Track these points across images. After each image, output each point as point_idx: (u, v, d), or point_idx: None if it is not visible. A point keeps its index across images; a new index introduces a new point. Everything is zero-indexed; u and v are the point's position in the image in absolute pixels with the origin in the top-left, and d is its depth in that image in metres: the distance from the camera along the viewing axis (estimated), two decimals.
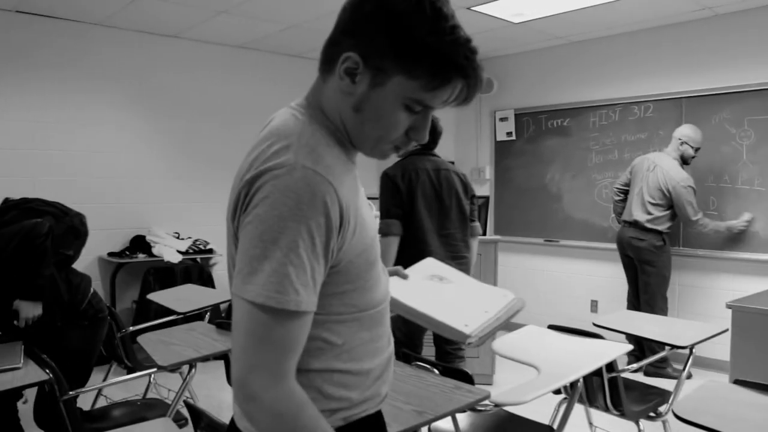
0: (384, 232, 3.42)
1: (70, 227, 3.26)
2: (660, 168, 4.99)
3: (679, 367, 4.95)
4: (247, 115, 6.58)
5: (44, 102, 5.42)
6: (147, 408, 3.07)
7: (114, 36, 5.71)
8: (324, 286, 1.11)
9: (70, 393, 2.59)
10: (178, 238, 5.97)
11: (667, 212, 4.97)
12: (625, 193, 5.33)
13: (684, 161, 5.03)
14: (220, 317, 5.65)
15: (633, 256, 5.13)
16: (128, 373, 3.51)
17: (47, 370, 2.47)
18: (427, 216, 3.52)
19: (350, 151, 1.25)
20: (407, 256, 3.24)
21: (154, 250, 5.66)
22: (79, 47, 5.54)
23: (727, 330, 3.13)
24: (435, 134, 3.59)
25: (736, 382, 2.21)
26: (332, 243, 1.08)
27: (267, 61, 6.70)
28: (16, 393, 3.07)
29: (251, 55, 6.57)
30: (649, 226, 4.97)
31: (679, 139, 5.03)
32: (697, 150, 5.02)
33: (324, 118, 1.23)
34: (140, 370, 3.45)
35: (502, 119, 6.83)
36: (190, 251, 5.87)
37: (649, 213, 4.98)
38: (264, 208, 1.04)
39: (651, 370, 5.07)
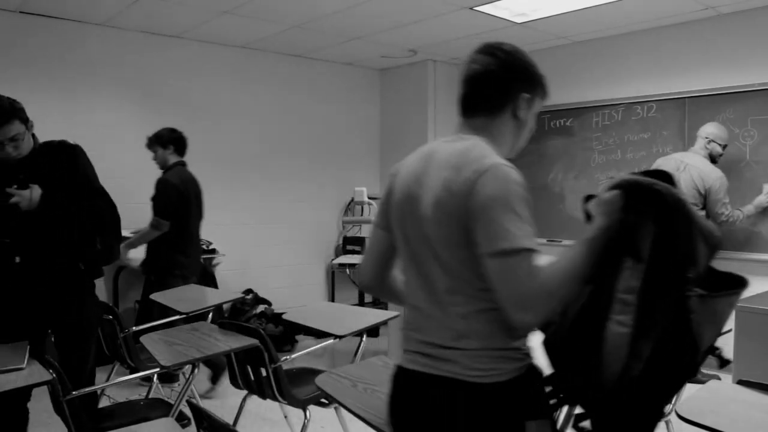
0: None
1: None
2: (693, 167, 4.82)
3: (709, 372, 4.86)
4: (250, 116, 6.58)
5: (47, 102, 5.42)
6: (149, 408, 3.07)
7: (116, 36, 5.71)
8: None
9: (73, 393, 2.59)
10: None
11: (702, 212, 4.81)
12: None
13: (712, 160, 4.89)
14: (223, 317, 5.64)
15: None
16: (131, 374, 3.51)
17: (51, 371, 2.47)
18: None
19: None
20: None
21: None
22: (82, 47, 5.55)
23: (730, 330, 3.12)
24: None
25: (740, 382, 2.20)
26: None
27: (270, 62, 6.70)
28: (25, 394, 3.05)
29: (254, 55, 6.57)
30: None
31: (706, 138, 4.91)
32: (724, 147, 4.91)
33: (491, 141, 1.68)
34: (143, 370, 3.44)
35: None
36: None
37: None
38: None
39: None
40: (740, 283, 1.46)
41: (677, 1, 4.97)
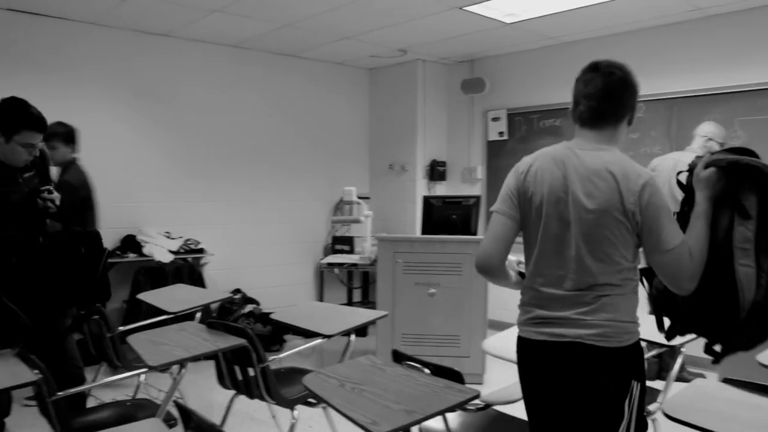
0: None
1: None
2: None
3: (694, 370, 4.88)
4: (239, 115, 6.56)
5: (33, 100, 5.37)
6: (136, 408, 3.05)
7: (105, 34, 5.68)
8: None
9: (59, 394, 2.57)
10: (169, 237, 5.95)
11: None
12: None
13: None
14: (211, 317, 5.63)
15: None
16: (118, 374, 3.49)
17: (36, 371, 2.45)
18: None
19: None
20: None
21: (145, 250, 5.65)
22: (71, 46, 5.51)
23: None
24: None
25: (725, 380, 2.21)
26: None
27: (259, 60, 6.68)
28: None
29: (244, 54, 6.56)
30: None
31: (704, 136, 4.87)
32: (722, 146, 4.86)
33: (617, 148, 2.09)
34: (130, 371, 3.42)
35: (494, 119, 6.84)
36: (181, 251, 5.85)
37: None
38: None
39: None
40: None
41: (665, 2, 4.99)
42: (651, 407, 2.99)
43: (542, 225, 2.02)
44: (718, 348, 1.97)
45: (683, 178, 2.10)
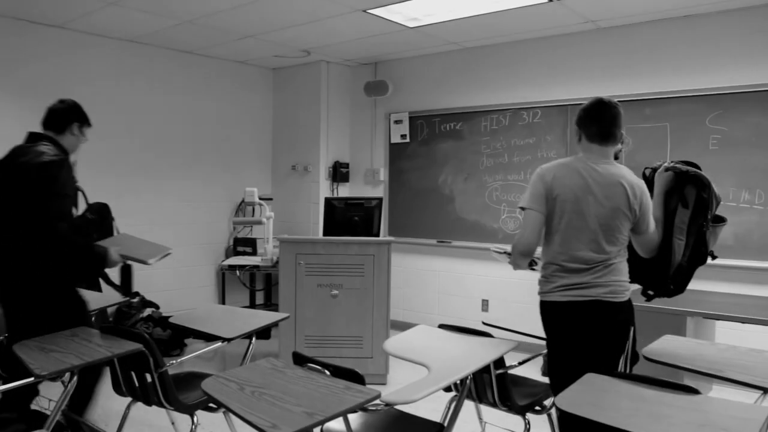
0: None
1: None
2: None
3: None
4: (137, 112, 6.35)
5: None
6: (23, 420, 2.91)
7: None
8: None
9: None
10: None
11: None
12: None
13: (615, 157, 5.02)
14: (107, 322, 5.42)
15: None
16: (3, 384, 3.31)
17: None
18: None
19: None
20: None
21: None
22: None
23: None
24: None
25: (614, 375, 2.33)
26: None
27: (160, 57, 6.50)
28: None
29: (142, 49, 6.35)
30: None
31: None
32: (622, 142, 5.04)
33: None
34: (17, 380, 3.25)
35: (396, 122, 6.92)
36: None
37: None
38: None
39: None
40: (724, 219, 2.93)
41: (560, 16, 5.20)
42: (546, 402, 3.12)
43: (566, 217, 2.75)
44: (651, 293, 2.93)
45: (647, 173, 3.01)
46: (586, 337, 2.73)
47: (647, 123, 5.32)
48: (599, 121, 2.83)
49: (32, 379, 2.49)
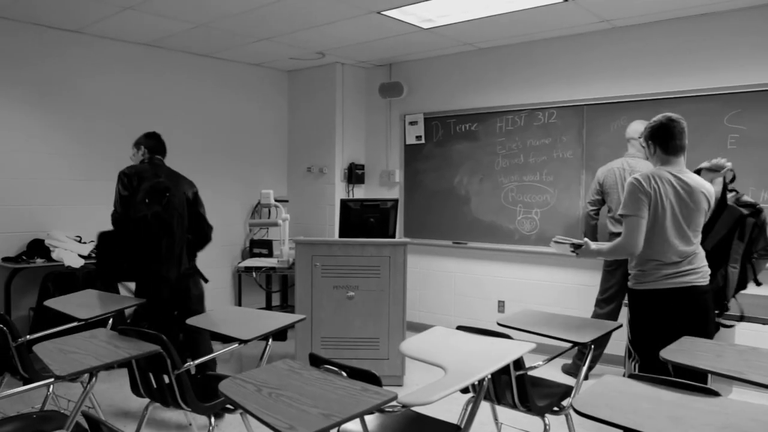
0: None
1: None
2: (635, 173, 4.70)
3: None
4: (154, 115, 6.39)
5: None
6: (43, 421, 2.93)
7: (9, 28, 5.42)
8: None
9: None
10: (79, 242, 5.73)
11: None
12: (599, 210, 5.15)
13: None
14: (125, 323, 5.46)
15: None
16: (24, 385, 3.34)
17: None
18: None
19: None
20: None
21: (54, 255, 5.42)
22: None
23: (621, 326, 3.29)
24: None
25: (631, 376, 2.31)
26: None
27: (176, 60, 6.54)
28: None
29: (158, 53, 6.40)
30: None
31: (639, 138, 4.75)
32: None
33: None
34: (37, 381, 3.28)
35: (411, 123, 6.92)
36: (93, 255, 5.65)
37: None
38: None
39: (573, 370, 5.18)
40: None
41: (575, 15, 5.17)
42: (564, 402, 3.10)
43: (666, 220, 3.19)
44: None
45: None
46: (685, 317, 3.21)
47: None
48: (674, 137, 3.27)
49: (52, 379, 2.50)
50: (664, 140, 3.28)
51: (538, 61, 6.03)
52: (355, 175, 7.24)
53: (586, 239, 3.50)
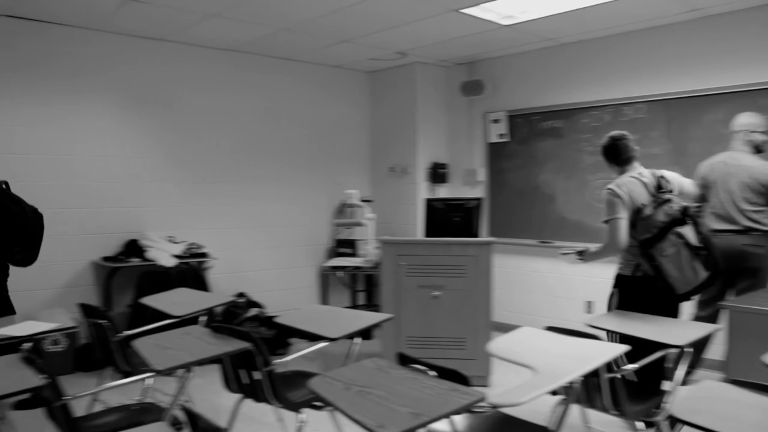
0: None
1: None
2: (741, 167, 4.54)
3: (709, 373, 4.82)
4: (240, 119, 6.57)
5: (39, 107, 5.40)
6: (143, 413, 3.06)
7: (103, 40, 5.69)
8: None
9: (63, 399, 2.58)
10: (172, 242, 5.96)
11: (766, 208, 4.52)
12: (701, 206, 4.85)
13: (758, 150, 4.60)
14: (215, 321, 5.63)
15: (744, 264, 4.51)
16: (124, 378, 3.49)
17: (43, 376, 2.46)
18: None
19: None
20: None
21: (148, 254, 5.65)
22: (71, 51, 5.53)
23: (721, 329, 3.15)
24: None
25: (732, 381, 2.22)
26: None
27: (259, 64, 6.70)
28: None
29: (242, 58, 6.57)
30: (763, 228, 4.47)
31: (744, 130, 4.61)
32: (766, 133, 4.62)
33: None
34: (136, 375, 3.43)
35: (494, 121, 6.85)
36: (185, 255, 5.86)
37: (753, 217, 4.49)
38: None
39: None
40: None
41: (663, 4, 5.00)
42: (659, 408, 3.00)
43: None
44: None
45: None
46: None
47: (762, 113, 5.03)
48: (622, 153, 3.82)
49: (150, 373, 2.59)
50: (616, 156, 3.84)
51: (624, 54, 5.86)
52: (437, 174, 7.22)
53: (587, 245, 3.94)
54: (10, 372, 2.60)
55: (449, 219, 5.24)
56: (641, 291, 3.68)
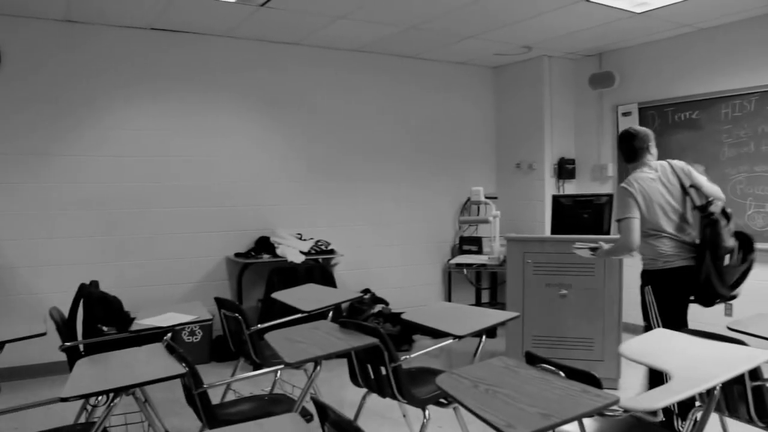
0: None
1: None
2: None
3: None
4: (365, 117, 6.68)
5: (172, 112, 5.73)
6: (273, 403, 3.18)
7: (236, 46, 5.96)
8: None
9: (204, 386, 2.72)
10: (300, 239, 6.15)
11: None
12: None
13: None
14: (342, 316, 5.76)
15: None
16: (255, 369, 3.64)
17: (183, 364, 2.61)
18: None
19: None
20: None
21: (278, 251, 5.86)
22: (205, 59, 5.83)
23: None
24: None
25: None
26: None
27: (384, 63, 6.78)
28: None
29: (367, 58, 6.67)
30: None
31: None
32: None
33: None
34: (267, 367, 3.56)
35: (624, 114, 6.58)
36: (312, 252, 6.03)
37: None
38: None
39: None
40: None
41: None
42: None
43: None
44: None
45: None
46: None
47: None
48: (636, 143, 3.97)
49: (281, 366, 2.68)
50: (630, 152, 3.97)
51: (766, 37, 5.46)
52: (565, 170, 7.04)
53: (600, 242, 3.92)
54: (155, 359, 2.77)
55: (578, 216, 5.09)
56: (675, 282, 3.82)
